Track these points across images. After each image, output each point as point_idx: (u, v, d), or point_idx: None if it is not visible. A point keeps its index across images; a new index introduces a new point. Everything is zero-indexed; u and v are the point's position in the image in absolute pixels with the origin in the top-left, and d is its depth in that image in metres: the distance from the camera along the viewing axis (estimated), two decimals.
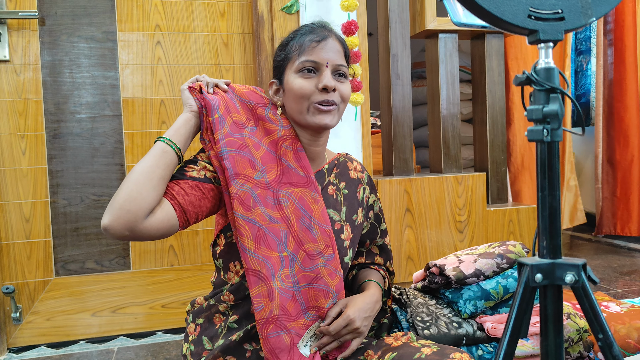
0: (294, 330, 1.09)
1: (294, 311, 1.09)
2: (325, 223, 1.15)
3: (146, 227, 0.99)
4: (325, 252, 1.13)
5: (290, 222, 1.11)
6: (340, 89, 1.14)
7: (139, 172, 1.01)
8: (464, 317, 1.50)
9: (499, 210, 2.34)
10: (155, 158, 1.04)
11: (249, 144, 1.12)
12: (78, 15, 1.99)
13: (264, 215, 1.09)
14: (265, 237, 1.08)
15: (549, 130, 0.75)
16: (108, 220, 0.97)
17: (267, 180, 1.11)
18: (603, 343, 0.75)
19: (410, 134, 2.30)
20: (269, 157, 1.14)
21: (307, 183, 1.15)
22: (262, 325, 1.06)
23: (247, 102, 1.16)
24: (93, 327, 2.01)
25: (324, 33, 1.16)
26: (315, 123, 1.13)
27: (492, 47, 2.44)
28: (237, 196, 1.07)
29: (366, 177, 1.34)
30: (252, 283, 1.06)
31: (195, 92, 1.13)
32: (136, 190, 0.98)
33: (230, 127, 1.11)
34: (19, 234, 1.94)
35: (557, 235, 0.77)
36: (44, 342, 1.97)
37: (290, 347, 1.08)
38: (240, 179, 1.08)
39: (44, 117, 1.96)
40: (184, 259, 2.10)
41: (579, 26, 0.76)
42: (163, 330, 2.07)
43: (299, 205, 1.13)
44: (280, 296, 1.07)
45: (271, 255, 1.08)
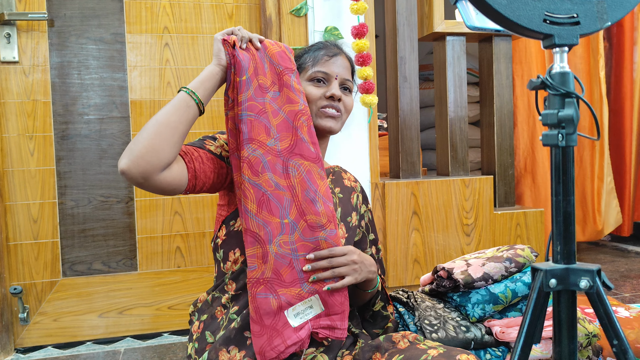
0: (285, 297, 1.09)
1: (289, 277, 1.10)
2: (329, 201, 1.18)
3: (160, 179, 1.03)
4: (327, 227, 1.15)
5: (295, 192, 1.14)
6: (344, 101, 1.28)
7: (163, 124, 1.04)
8: (472, 320, 1.50)
9: (506, 213, 2.33)
10: (179, 112, 1.07)
11: (268, 110, 1.15)
12: (87, 16, 1.99)
13: (271, 181, 1.12)
14: (269, 202, 1.11)
15: (564, 135, 0.74)
16: (126, 165, 1.00)
17: (279, 149, 1.15)
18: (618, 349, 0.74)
19: (417, 136, 2.29)
20: (285, 125, 1.17)
21: (316, 159, 1.19)
22: (253, 284, 1.09)
23: (277, 66, 1.18)
24: (100, 328, 2.01)
25: (336, 50, 1.29)
26: (322, 125, 1.25)
27: (500, 50, 2.44)
28: (248, 160, 1.10)
29: (359, 186, 1.41)
30: (248, 243, 1.10)
31: (227, 45, 1.12)
32: (159, 144, 1.02)
33: (254, 91, 1.13)
34: (27, 235, 1.95)
35: (571, 240, 0.76)
36: (51, 342, 1.97)
37: (277, 312, 1.08)
38: (254, 143, 1.11)
39: (53, 118, 1.97)
40: (191, 261, 2.10)
41: (595, 31, 0.75)
42: (169, 332, 2.07)
43: (306, 177, 1.16)
44: (275, 260, 1.09)
45: (271, 221, 1.11)
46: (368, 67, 1.99)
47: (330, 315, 1.14)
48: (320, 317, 1.13)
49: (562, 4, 0.75)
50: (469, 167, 2.40)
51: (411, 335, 1.19)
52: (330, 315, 1.14)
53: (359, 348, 1.20)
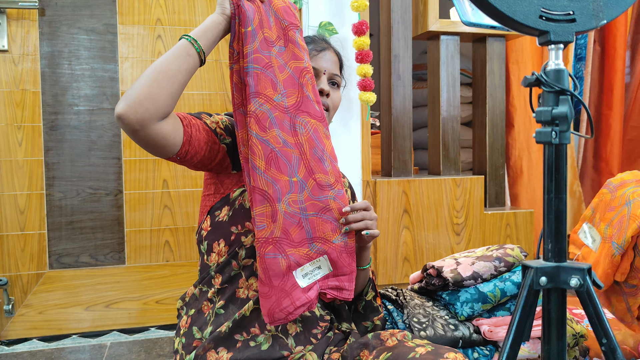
0: (294, 257, 1.07)
1: (298, 237, 1.08)
2: (335, 160, 1.17)
3: (157, 129, 1.00)
4: (335, 186, 1.13)
5: (303, 149, 1.12)
6: (332, 96, 1.25)
7: (163, 72, 1.00)
8: (461, 319, 1.50)
9: (496, 213, 2.33)
10: (179, 61, 1.03)
11: (274, 65, 1.11)
12: (79, 6, 1.97)
13: (279, 137, 1.09)
14: (277, 159, 1.08)
15: (558, 133, 0.74)
16: (124, 110, 0.96)
17: (286, 105, 1.12)
18: (607, 348, 0.74)
19: (410, 135, 2.29)
20: (291, 81, 1.14)
21: (322, 118, 1.17)
22: (261, 244, 1.06)
23: (282, 21, 1.14)
24: (86, 321, 1.99)
25: (324, 45, 1.27)
26: None
27: (494, 50, 2.44)
28: (255, 115, 1.07)
29: (347, 182, 1.40)
30: (256, 201, 1.07)
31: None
32: (157, 92, 0.99)
33: (260, 43, 1.09)
34: (14, 226, 1.92)
35: (562, 238, 0.76)
36: (36, 335, 1.95)
37: (286, 273, 1.07)
38: (261, 98, 1.08)
39: (42, 108, 1.94)
40: (180, 255, 2.08)
41: (590, 28, 0.75)
42: (156, 326, 2.05)
43: (313, 135, 1.14)
44: (284, 219, 1.07)
45: (280, 178, 1.08)
46: (367, 64, 1.98)
47: (338, 276, 1.14)
48: (329, 278, 1.13)
49: (559, 0, 0.74)
50: (460, 167, 2.40)
51: (400, 334, 1.19)
52: (338, 275, 1.14)
53: (347, 346, 1.19)
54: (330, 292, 1.13)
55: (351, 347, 1.18)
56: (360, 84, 1.98)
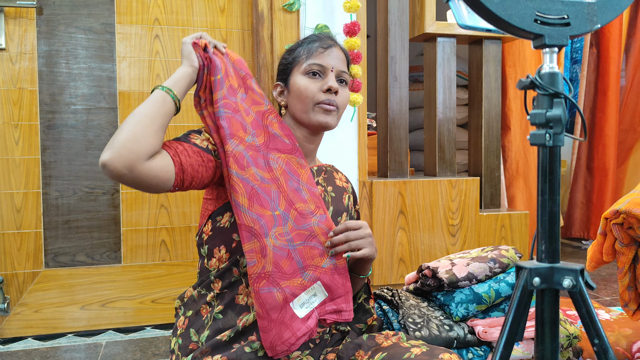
0: (289, 289, 1.09)
1: (290, 269, 1.10)
2: (313, 186, 1.19)
3: (145, 169, 0.99)
4: (317, 213, 1.16)
5: (280, 183, 1.15)
6: (340, 94, 1.24)
7: (142, 114, 1.02)
8: (456, 320, 1.51)
9: (491, 215, 2.35)
10: (157, 105, 1.05)
11: (241, 109, 1.16)
12: (77, 5, 1.97)
13: (256, 175, 1.12)
14: (258, 195, 1.11)
15: (552, 135, 0.75)
16: (108, 157, 0.96)
17: (258, 144, 1.16)
18: (599, 348, 0.75)
19: (406, 136, 2.30)
20: (257, 123, 1.18)
21: (293, 149, 1.20)
22: (255, 279, 1.07)
23: (239, 71, 1.20)
24: (81, 320, 1.99)
25: (330, 42, 1.26)
26: (318, 121, 1.22)
27: (490, 53, 2.45)
28: (233, 155, 1.10)
29: (350, 187, 1.40)
30: (244, 238, 1.09)
31: (198, 48, 1.15)
32: (140, 132, 0.99)
33: (227, 90, 1.15)
34: (10, 225, 1.92)
35: (556, 239, 0.77)
36: (32, 334, 1.95)
37: (283, 305, 1.08)
38: (235, 139, 1.12)
39: (39, 107, 1.94)
40: (176, 255, 2.09)
41: (585, 32, 0.76)
42: (152, 326, 2.05)
43: (286, 168, 1.18)
44: (274, 253, 1.08)
45: (264, 214, 1.10)
46: (357, 65, 1.99)
47: (334, 299, 1.15)
48: (326, 303, 1.14)
49: (554, 4, 0.75)
50: (456, 168, 2.41)
51: (395, 336, 1.20)
52: (335, 299, 1.15)
53: (342, 346, 1.20)
54: (330, 317, 1.15)
55: (346, 347, 1.19)
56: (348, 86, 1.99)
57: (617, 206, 1.38)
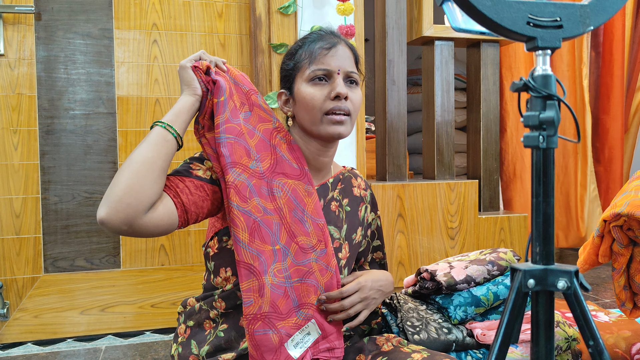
0: (284, 330, 1.05)
1: (285, 308, 1.06)
2: (319, 217, 1.12)
3: (145, 222, 0.94)
4: (318, 247, 1.10)
5: (283, 214, 1.08)
6: (351, 97, 1.12)
7: (140, 162, 0.95)
8: (454, 323, 1.50)
9: (490, 217, 2.35)
10: (157, 147, 0.97)
11: (244, 131, 1.08)
12: (75, 11, 1.98)
13: (259, 206, 1.05)
14: (260, 229, 1.04)
15: (545, 137, 0.75)
16: (105, 214, 0.91)
17: (262, 170, 1.08)
18: (594, 350, 0.75)
19: (404, 139, 2.30)
20: (262, 144, 1.10)
21: (301, 175, 1.12)
22: (250, 320, 1.02)
23: (242, 86, 1.12)
24: (81, 325, 1.99)
25: (334, 40, 1.13)
26: (329, 133, 1.11)
27: (488, 56, 2.46)
28: (234, 186, 1.03)
29: (369, 195, 1.32)
30: (243, 276, 1.03)
31: (199, 72, 1.06)
32: (137, 183, 0.92)
33: (230, 112, 1.07)
34: (9, 230, 1.92)
35: (550, 241, 0.77)
36: (31, 339, 1.95)
37: (278, 347, 1.04)
38: (238, 167, 1.04)
39: (38, 112, 1.95)
40: (175, 259, 2.09)
41: (577, 34, 0.76)
42: (152, 330, 2.05)
43: (292, 196, 1.10)
44: (271, 292, 1.03)
45: (265, 249, 1.04)
46: None
47: (327, 336, 1.12)
48: (319, 342, 1.11)
49: (546, 7, 0.76)
50: (454, 171, 2.41)
51: (395, 339, 1.19)
52: (327, 336, 1.12)
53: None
54: (323, 356, 1.11)
55: (347, 351, 1.19)
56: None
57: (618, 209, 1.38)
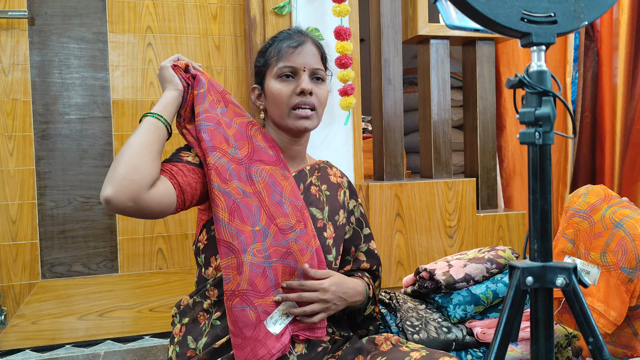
0: (262, 307, 1.09)
1: (263, 287, 1.10)
2: (296, 199, 1.18)
3: (150, 198, 1.00)
4: (297, 227, 1.15)
5: (262, 197, 1.14)
6: (316, 93, 1.20)
7: (138, 144, 1.02)
8: (454, 321, 1.50)
9: (488, 215, 2.34)
10: (150, 133, 1.05)
11: (222, 122, 1.17)
12: (68, 15, 1.97)
13: (239, 189, 1.12)
14: (239, 210, 1.10)
15: (541, 133, 0.75)
16: (111, 191, 0.96)
17: (240, 156, 1.16)
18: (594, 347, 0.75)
19: (401, 139, 2.30)
20: (239, 135, 1.18)
21: (277, 161, 1.20)
22: (229, 296, 1.07)
23: (216, 87, 1.21)
24: (79, 330, 1.98)
25: (301, 38, 1.21)
26: (296, 127, 1.20)
27: (484, 54, 2.45)
28: (215, 167, 1.10)
29: (346, 182, 1.38)
30: (222, 254, 1.08)
31: (179, 70, 1.16)
32: (138, 162, 0.99)
33: (209, 104, 1.17)
34: (5, 236, 1.91)
35: (548, 238, 0.77)
36: (29, 345, 1.94)
37: (256, 324, 1.08)
38: (218, 151, 1.12)
39: (32, 117, 1.94)
40: (173, 263, 2.08)
41: (572, 30, 0.76)
42: (150, 335, 2.04)
43: (269, 181, 1.17)
44: (250, 271, 1.08)
45: (244, 229, 1.10)
46: (349, 69, 1.99)
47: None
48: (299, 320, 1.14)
49: (540, 2, 0.75)
50: (452, 170, 2.41)
51: (394, 338, 1.19)
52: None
53: (342, 351, 1.19)
54: (303, 334, 1.14)
55: (345, 352, 1.18)
56: (342, 90, 1.99)
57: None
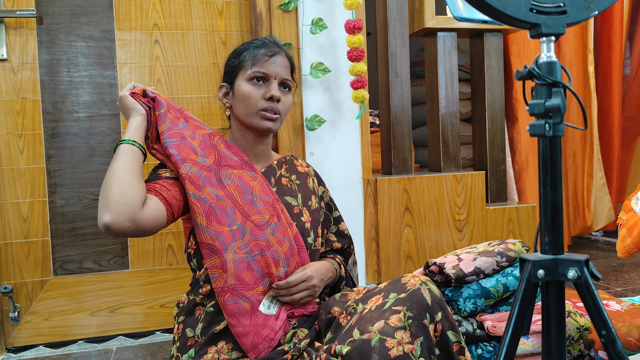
0: (254, 297, 1.17)
1: (251, 280, 1.17)
2: (267, 196, 1.26)
3: (145, 216, 1.07)
4: (272, 221, 1.23)
5: (234, 198, 1.22)
6: (283, 101, 1.29)
7: (122, 170, 1.10)
8: (464, 315, 1.50)
9: (498, 209, 2.33)
10: (129, 158, 1.13)
11: (186, 136, 1.25)
12: (76, 13, 1.98)
13: (212, 194, 1.20)
14: (215, 213, 1.18)
15: (551, 125, 0.74)
16: (109, 217, 1.03)
17: (209, 164, 1.23)
18: (606, 339, 0.74)
19: (409, 132, 2.29)
20: (204, 144, 1.26)
21: (242, 165, 1.28)
22: (219, 293, 1.15)
23: (174, 106, 1.30)
24: (91, 326, 2.00)
25: (275, 49, 1.31)
26: (260, 126, 1.28)
27: (492, 45, 2.44)
28: (188, 177, 1.18)
29: (312, 171, 1.47)
30: (206, 256, 1.17)
31: (138, 97, 1.24)
32: (126, 185, 1.07)
33: (171, 122, 1.25)
34: (17, 234, 1.93)
35: (559, 231, 0.76)
36: (42, 342, 1.96)
37: (252, 312, 1.16)
38: (188, 162, 1.20)
39: (42, 116, 1.95)
40: (183, 259, 2.09)
41: (581, 20, 0.75)
42: (162, 330, 2.06)
43: (239, 183, 1.24)
44: (234, 267, 1.15)
45: (222, 230, 1.17)
46: (361, 62, 1.98)
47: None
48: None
49: None
50: (460, 163, 2.39)
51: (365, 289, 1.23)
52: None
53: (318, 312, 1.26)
54: (297, 311, 1.23)
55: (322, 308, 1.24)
56: (354, 83, 1.98)
57: None
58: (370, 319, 1.05)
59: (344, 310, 1.17)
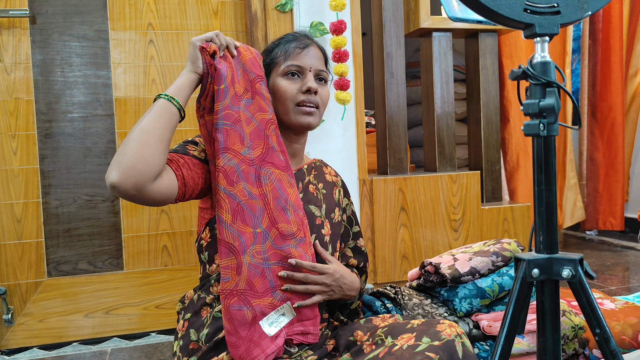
0: (259, 307, 1.10)
1: (262, 288, 1.11)
2: (299, 208, 1.20)
3: (153, 189, 1.01)
4: (298, 235, 1.17)
5: (267, 200, 1.15)
6: (320, 93, 1.24)
7: (149, 132, 1.02)
8: (460, 315, 1.50)
9: (493, 208, 2.34)
10: (163, 119, 1.05)
11: (242, 118, 1.16)
12: (70, 13, 1.97)
13: (245, 190, 1.13)
14: (243, 212, 1.12)
15: (545, 125, 0.74)
16: (118, 178, 0.96)
17: (252, 157, 1.16)
18: (600, 338, 0.74)
19: (405, 132, 2.29)
20: (257, 133, 1.18)
21: (286, 167, 1.21)
22: (226, 295, 1.09)
23: (249, 73, 1.18)
24: (86, 328, 1.99)
25: (307, 41, 1.26)
26: (299, 122, 1.22)
27: (486, 46, 2.44)
28: (224, 170, 1.11)
29: (340, 181, 1.41)
30: (222, 254, 1.10)
31: (206, 53, 1.11)
32: (148, 153, 1.00)
33: (231, 100, 1.13)
34: (11, 235, 1.92)
35: (554, 230, 0.76)
36: (37, 344, 1.95)
37: (252, 324, 1.09)
38: (229, 153, 1.12)
39: (36, 116, 1.94)
40: (178, 260, 2.08)
41: (575, 20, 0.75)
42: (157, 331, 2.05)
43: (277, 185, 1.18)
44: (248, 271, 1.10)
45: (245, 231, 1.12)
46: (344, 63, 1.99)
47: (302, 321, 1.16)
48: (293, 324, 1.15)
49: None
50: (456, 163, 2.40)
51: (391, 318, 1.21)
52: (303, 321, 1.16)
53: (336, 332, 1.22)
54: (297, 338, 1.15)
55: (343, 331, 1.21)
56: (336, 83, 1.99)
57: None
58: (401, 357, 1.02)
59: (370, 338, 1.13)
